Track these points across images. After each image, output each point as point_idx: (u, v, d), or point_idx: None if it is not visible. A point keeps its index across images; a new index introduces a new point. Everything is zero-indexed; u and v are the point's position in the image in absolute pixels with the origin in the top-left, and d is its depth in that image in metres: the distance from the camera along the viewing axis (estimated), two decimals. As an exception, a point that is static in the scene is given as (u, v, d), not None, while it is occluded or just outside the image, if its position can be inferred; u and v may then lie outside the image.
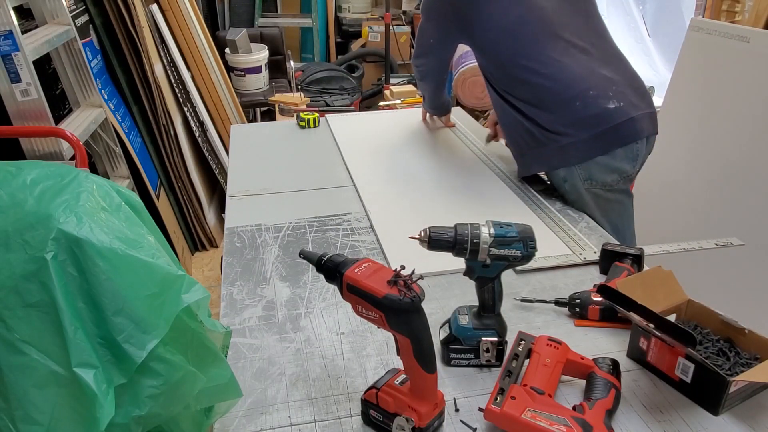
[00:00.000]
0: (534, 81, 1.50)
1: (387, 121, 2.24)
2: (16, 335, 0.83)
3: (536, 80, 1.50)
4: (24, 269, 0.84)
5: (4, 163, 0.98)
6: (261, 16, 4.88)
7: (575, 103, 1.49)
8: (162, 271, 0.86)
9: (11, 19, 1.72)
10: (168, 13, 3.18)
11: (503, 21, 1.52)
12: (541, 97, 1.51)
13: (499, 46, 1.54)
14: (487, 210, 1.54)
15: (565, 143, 1.50)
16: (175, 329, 0.84)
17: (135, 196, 1.09)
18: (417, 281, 0.80)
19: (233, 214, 1.55)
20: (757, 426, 0.89)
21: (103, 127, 2.30)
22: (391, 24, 4.29)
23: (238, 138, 2.09)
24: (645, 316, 0.94)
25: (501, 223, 0.96)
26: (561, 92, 1.49)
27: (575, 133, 1.49)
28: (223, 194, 3.18)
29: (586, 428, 0.82)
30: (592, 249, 1.35)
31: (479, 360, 1.01)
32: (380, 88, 4.34)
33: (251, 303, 1.20)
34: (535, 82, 1.50)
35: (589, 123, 1.48)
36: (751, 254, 1.89)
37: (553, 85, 1.49)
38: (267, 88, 4.08)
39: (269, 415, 0.93)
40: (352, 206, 1.57)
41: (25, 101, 1.79)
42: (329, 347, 1.07)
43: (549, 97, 1.50)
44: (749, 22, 2.32)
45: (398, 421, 0.85)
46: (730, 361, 0.98)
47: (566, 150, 1.51)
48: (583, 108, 1.48)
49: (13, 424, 0.84)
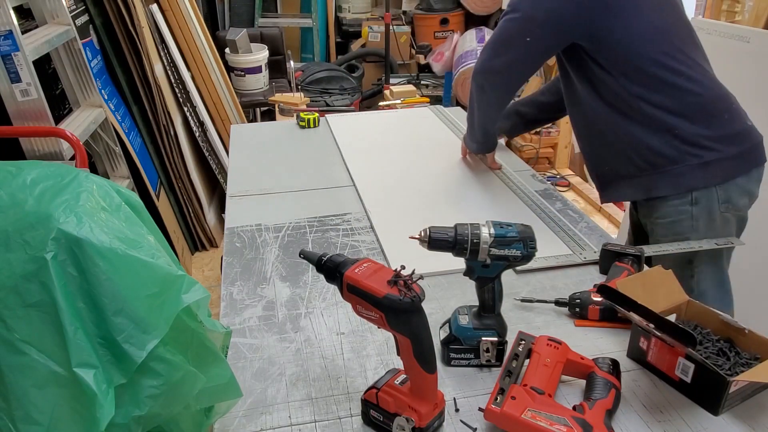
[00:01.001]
0: (683, 85, 1.33)
1: (387, 121, 2.24)
2: (16, 335, 0.83)
3: (686, 84, 1.33)
4: (24, 269, 0.84)
5: (4, 163, 0.98)
6: (261, 16, 4.88)
7: (724, 115, 1.35)
8: (162, 271, 0.87)
9: (11, 19, 1.72)
10: (168, 13, 3.18)
11: (651, 18, 1.34)
12: (687, 104, 1.34)
13: (643, 46, 1.33)
14: (487, 210, 1.54)
15: (710, 159, 1.33)
16: (175, 329, 0.84)
17: (135, 196, 1.09)
18: (417, 281, 0.80)
19: (233, 214, 1.55)
20: (757, 426, 0.89)
21: (103, 127, 2.30)
22: (391, 24, 4.29)
23: (238, 138, 2.09)
24: (645, 316, 0.94)
25: (501, 223, 0.96)
26: (711, 101, 1.35)
27: (722, 148, 1.34)
28: (223, 194, 3.18)
29: (586, 428, 0.82)
30: (592, 249, 1.35)
31: (479, 360, 1.01)
32: (380, 88, 4.34)
33: (251, 303, 1.20)
34: (684, 87, 1.33)
35: (734, 139, 1.35)
36: (751, 254, 1.89)
37: (704, 92, 1.34)
38: (267, 88, 4.08)
39: (269, 415, 0.93)
40: (352, 206, 1.57)
41: (25, 101, 1.79)
42: (329, 347, 1.07)
43: (697, 105, 1.34)
44: (749, 22, 2.32)
45: (398, 421, 0.85)
46: (730, 361, 0.98)
47: (709, 168, 1.34)
48: (730, 122, 1.35)
49: (13, 424, 0.84)
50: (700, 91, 1.34)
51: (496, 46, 1.47)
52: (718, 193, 1.35)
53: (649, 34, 1.33)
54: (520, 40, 1.41)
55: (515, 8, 1.41)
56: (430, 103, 2.68)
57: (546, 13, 1.36)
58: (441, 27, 4.90)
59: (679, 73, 1.33)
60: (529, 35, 1.39)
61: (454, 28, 4.83)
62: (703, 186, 1.35)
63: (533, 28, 1.38)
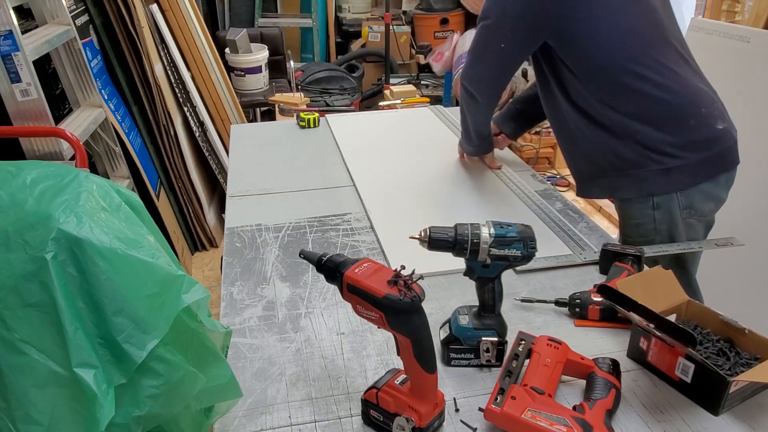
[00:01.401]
0: (649, 92, 1.32)
1: (387, 121, 2.24)
2: (16, 335, 0.83)
3: (652, 91, 1.32)
4: (24, 269, 0.84)
5: (4, 163, 0.98)
6: (261, 16, 4.88)
7: (690, 121, 1.33)
8: (162, 271, 0.86)
9: (11, 19, 1.72)
10: (168, 13, 3.18)
11: (619, 20, 1.31)
12: (653, 111, 1.33)
13: (609, 49, 1.32)
14: (487, 210, 1.54)
15: (672, 166, 1.34)
16: (175, 329, 0.84)
17: (135, 196, 1.09)
18: (417, 281, 0.80)
19: (233, 214, 1.55)
20: (757, 426, 0.89)
21: (103, 127, 2.30)
22: (391, 24, 4.29)
23: (238, 138, 2.09)
24: (645, 316, 0.94)
25: (501, 223, 0.96)
26: (678, 108, 1.33)
27: (685, 155, 1.33)
28: (223, 194, 3.18)
29: (586, 428, 0.82)
30: (592, 249, 1.35)
31: (479, 360, 1.01)
32: (380, 88, 4.34)
33: (251, 303, 1.20)
34: (651, 94, 1.32)
35: (700, 145, 1.34)
36: (751, 254, 1.89)
37: (671, 99, 1.32)
38: (267, 88, 4.08)
39: (269, 415, 0.93)
40: (352, 206, 1.57)
41: (25, 101, 1.79)
42: (329, 347, 1.07)
43: (663, 111, 1.33)
44: (749, 22, 2.32)
45: (398, 421, 0.85)
46: (730, 361, 0.98)
47: (671, 174, 1.34)
48: (696, 128, 1.34)
49: (13, 424, 0.84)
50: (668, 98, 1.32)
51: (475, 54, 1.49)
52: (679, 199, 1.36)
53: (617, 36, 1.32)
54: (495, 46, 1.42)
55: (487, 15, 1.42)
56: (430, 103, 2.68)
57: (514, 16, 1.37)
58: (441, 27, 4.90)
59: (645, 80, 1.32)
60: (502, 40, 1.40)
61: (454, 28, 4.83)
62: (663, 192, 1.36)
63: (505, 32, 1.39)
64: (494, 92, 1.54)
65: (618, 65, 1.32)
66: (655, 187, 1.37)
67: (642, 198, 1.39)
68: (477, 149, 1.74)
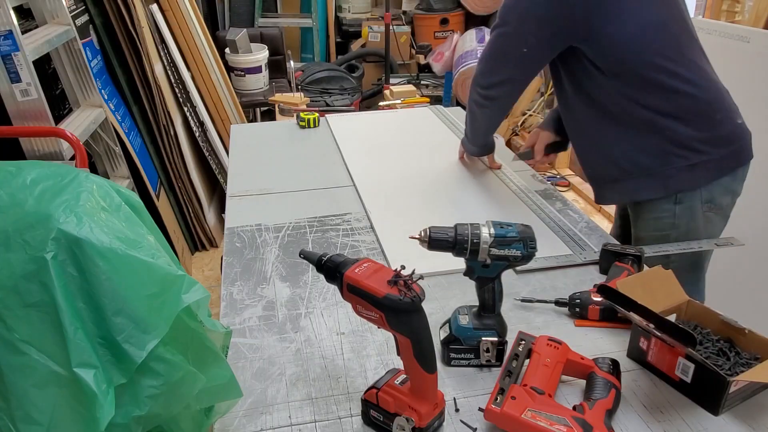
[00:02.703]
0: (679, 87, 1.30)
1: (387, 121, 2.24)
2: (16, 335, 0.83)
3: (682, 87, 1.30)
4: (24, 269, 0.84)
5: (4, 163, 0.98)
6: (261, 16, 4.87)
7: (716, 116, 1.33)
8: (162, 271, 0.86)
9: (11, 19, 1.72)
10: (168, 13, 3.18)
11: (648, 15, 1.29)
12: (682, 107, 1.32)
13: (640, 45, 1.30)
14: (487, 210, 1.54)
15: (697, 161, 1.33)
16: (175, 329, 0.84)
17: (135, 196, 1.09)
18: (417, 281, 0.80)
19: (233, 214, 1.55)
20: (757, 426, 0.89)
21: (103, 127, 2.30)
22: (391, 24, 4.29)
23: (238, 138, 2.09)
24: (645, 316, 0.94)
25: (501, 223, 0.96)
26: (705, 102, 1.33)
27: (711, 150, 1.33)
28: (223, 194, 3.18)
29: (586, 428, 0.82)
30: (592, 249, 1.35)
31: (479, 360, 1.01)
32: (380, 88, 4.34)
33: (251, 303, 1.20)
34: (680, 89, 1.31)
35: (724, 140, 1.34)
36: (751, 254, 1.89)
37: (699, 94, 1.32)
38: (267, 88, 4.08)
39: (269, 415, 0.93)
40: (352, 206, 1.57)
41: (25, 101, 1.79)
42: (329, 347, 1.07)
43: (691, 106, 1.32)
44: (749, 22, 2.32)
45: (398, 421, 0.85)
46: (730, 361, 0.98)
47: (696, 169, 1.33)
48: (720, 123, 1.34)
49: (13, 424, 0.84)
50: (695, 93, 1.32)
51: (492, 62, 1.46)
52: (702, 194, 1.36)
53: (645, 31, 1.30)
54: (516, 52, 1.39)
55: (505, 21, 1.38)
56: (430, 103, 2.68)
57: (538, 20, 1.33)
58: (441, 27, 4.90)
59: (674, 75, 1.31)
60: (525, 45, 1.37)
61: (454, 28, 4.83)
62: (689, 188, 1.36)
63: (528, 37, 1.36)
64: (513, 99, 1.53)
65: (648, 61, 1.30)
66: (681, 183, 1.35)
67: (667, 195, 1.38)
68: (481, 150, 1.75)
